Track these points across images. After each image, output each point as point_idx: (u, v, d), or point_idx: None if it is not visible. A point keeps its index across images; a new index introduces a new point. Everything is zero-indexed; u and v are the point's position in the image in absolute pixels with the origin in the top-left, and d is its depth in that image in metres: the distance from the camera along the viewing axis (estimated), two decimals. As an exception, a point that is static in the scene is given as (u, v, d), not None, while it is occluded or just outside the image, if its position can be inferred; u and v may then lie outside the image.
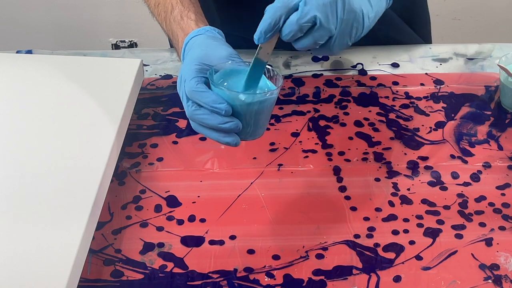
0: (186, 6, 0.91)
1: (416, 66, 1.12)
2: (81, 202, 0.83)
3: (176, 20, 0.90)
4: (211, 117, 0.76)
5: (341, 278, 0.82)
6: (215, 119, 0.75)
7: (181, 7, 0.91)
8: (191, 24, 0.89)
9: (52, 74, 1.01)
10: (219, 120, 0.75)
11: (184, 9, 0.91)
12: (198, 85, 0.76)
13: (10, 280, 0.75)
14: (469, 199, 0.91)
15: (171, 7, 0.92)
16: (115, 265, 0.84)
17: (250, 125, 0.78)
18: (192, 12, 0.90)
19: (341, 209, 0.90)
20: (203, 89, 0.76)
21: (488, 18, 2.15)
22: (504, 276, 0.82)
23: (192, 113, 0.77)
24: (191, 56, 0.81)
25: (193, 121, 0.78)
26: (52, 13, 2.15)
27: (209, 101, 0.75)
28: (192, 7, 0.91)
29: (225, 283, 0.82)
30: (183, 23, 0.89)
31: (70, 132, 0.92)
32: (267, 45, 0.75)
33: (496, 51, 1.14)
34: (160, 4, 0.95)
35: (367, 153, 0.97)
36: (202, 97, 0.76)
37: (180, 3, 0.92)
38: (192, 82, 0.77)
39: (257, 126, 0.78)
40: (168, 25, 0.92)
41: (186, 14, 0.90)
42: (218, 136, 0.77)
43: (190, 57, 0.81)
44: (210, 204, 0.91)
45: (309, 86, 1.08)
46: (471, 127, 1.02)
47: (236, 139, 0.77)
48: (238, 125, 0.76)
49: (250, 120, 0.77)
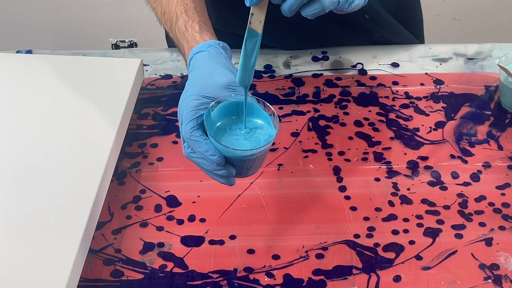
0: (191, 16, 0.91)
1: (416, 66, 1.12)
2: (81, 202, 0.83)
3: (181, 31, 0.90)
4: (205, 162, 0.77)
5: (341, 278, 0.82)
6: (209, 165, 0.77)
7: (186, 17, 0.91)
8: (195, 36, 0.88)
9: (52, 74, 1.01)
10: (212, 167, 0.77)
11: (189, 19, 0.90)
12: (193, 133, 0.77)
13: (10, 280, 0.75)
14: (469, 199, 0.91)
15: (175, 17, 0.92)
16: (115, 265, 0.84)
17: (245, 170, 0.79)
18: (196, 22, 0.89)
19: (341, 209, 0.90)
20: (197, 137, 0.77)
21: (488, 18, 2.15)
22: (504, 276, 0.82)
23: (188, 155, 0.79)
24: (191, 84, 0.81)
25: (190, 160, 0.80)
26: (52, 13, 2.15)
27: (203, 151, 0.77)
28: (197, 17, 0.91)
29: (225, 283, 0.82)
30: (188, 34, 0.89)
31: (70, 132, 0.92)
32: (258, 10, 0.73)
33: (496, 51, 1.14)
34: (165, 13, 0.94)
35: (367, 153, 0.97)
36: (196, 146, 0.77)
37: (185, 13, 0.91)
38: (188, 128, 0.77)
39: (252, 169, 0.80)
40: (174, 36, 0.92)
41: (190, 25, 0.89)
42: (213, 176, 0.79)
43: (190, 85, 0.81)
44: (210, 204, 0.91)
45: (309, 86, 1.08)
46: (471, 127, 1.02)
47: (231, 181, 0.80)
48: (231, 172, 0.78)
49: (245, 166, 0.79)
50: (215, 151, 0.76)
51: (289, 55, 1.13)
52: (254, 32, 0.74)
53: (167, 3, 0.94)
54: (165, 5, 0.94)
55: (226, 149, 0.76)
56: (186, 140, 0.78)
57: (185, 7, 0.92)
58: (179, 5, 0.92)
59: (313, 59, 1.13)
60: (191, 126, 0.77)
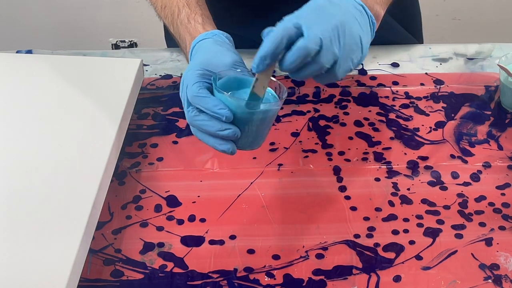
0: (193, 9, 0.91)
1: (416, 66, 1.12)
2: (81, 202, 0.83)
3: (183, 23, 0.90)
4: (210, 123, 0.76)
5: (341, 278, 0.82)
6: (214, 125, 0.76)
7: (188, 10, 0.91)
8: (198, 27, 0.88)
9: (52, 74, 1.01)
10: (218, 127, 0.76)
11: (191, 12, 0.90)
12: (200, 90, 0.76)
13: (10, 280, 0.75)
14: (469, 199, 0.91)
15: (177, 10, 0.92)
16: (115, 265, 0.84)
17: (249, 135, 0.78)
18: (199, 15, 0.90)
19: (341, 209, 0.90)
20: (205, 94, 0.76)
21: (488, 18, 2.15)
22: (504, 276, 0.82)
23: (192, 118, 0.78)
24: (195, 61, 0.81)
25: (193, 126, 0.79)
26: (52, 13, 2.15)
27: (211, 106, 0.75)
28: (199, 10, 0.91)
29: (225, 283, 0.82)
30: (190, 26, 0.89)
31: (70, 132, 0.92)
32: (263, 76, 0.74)
33: (496, 51, 1.14)
34: (166, 7, 0.94)
35: (367, 153, 0.97)
36: (204, 102, 0.76)
37: (187, 6, 0.91)
38: (194, 87, 0.77)
39: (256, 136, 0.79)
40: (176, 28, 0.92)
41: (193, 17, 0.89)
42: (215, 142, 0.77)
43: (194, 62, 0.81)
44: (210, 204, 0.91)
45: (309, 86, 1.08)
46: (471, 127, 1.02)
47: (233, 147, 0.77)
48: (236, 132, 0.76)
49: (250, 129, 0.77)
50: (224, 105, 0.75)
51: (289, 55, 1.13)
52: (256, 95, 0.75)
53: None
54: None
55: (236, 101, 0.75)
56: (191, 100, 0.77)
57: (187, 1, 0.92)
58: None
59: (313, 59, 1.13)
60: (198, 85, 0.77)
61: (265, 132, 0.79)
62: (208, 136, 0.77)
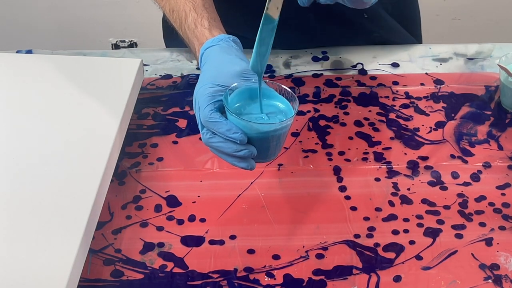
0: (200, 13, 0.91)
1: (416, 66, 1.12)
2: (81, 202, 0.83)
3: (191, 28, 0.90)
4: (226, 145, 0.77)
5: (341, 278, 0.82)
6: (230, 147, 0.77)
7: (195, 14, 0.91)
8: (204, 32, 0.88)
9: (52, 74, 1.01)
10: (234, 148, 0.77)
11: (198, 16, 0.90)
12: (212, 115, 0.77)
13: (10, 280, 0.75)
14: (469, 199, 0.91)
15: (184, 15, 0.92)
16: (115, 265, 0.84)
17: (266, 150, 0.79)
18: (206, 19, 0.90)
19: (341, 209, 0.90)
20: (217, 118, 0.77)
21: (488, 18, 2.15)
22: (504, 276, 0.82)
23: (207, 141, 0.79)
24: (204, 75, 0.81)
25: (209, 147, 0.80)
26: (52, 13, 2.15)
27: (224, 131, 0.76)
28: (206, 13, 0.91)
29: (225, 283, 0.82)
30: (197, 31, 0.89)
31: (70, 132, 0.92)
32: None
33: (496, 51, 1.14)
34: (174, 11, 0.94)
35: (367, 153, 0.97)
36: (217, 127, 0.77)
37: (194, 10, 0.91)
38: (206, 111, 0.77)
39: (272, 151, 0.80)
40: (184, 33, 0.92)
41: (199, 22, 0.89)
42: (233, 161, 0.78)
43: (203, 76, 0.82)
44: (210, 204, 0.91)
45: (309, 86, 1.08)
46: (471, 127, 1.02)
47: (251, 164, 0.79)
48: (253, 152, 0.77)
49: (266, 146, 0.78)
50: (237, 129, 0.76)
51: (289, 55, 1.13)
52: (270, 18, 0.74)
53: (175, 1, 0.94)
54: (173, 3, 0.94)
55: (249, 125, 0.75)
56: (205, 124, 0.78)
57: (193, 5, 0.92)
58: (188, 2, 0.92)
59: (313, 59, 1.13)
60: (210, 109, 0.77)
61: (281, 144, 0.80)
62: (226, 155, 0.79)
